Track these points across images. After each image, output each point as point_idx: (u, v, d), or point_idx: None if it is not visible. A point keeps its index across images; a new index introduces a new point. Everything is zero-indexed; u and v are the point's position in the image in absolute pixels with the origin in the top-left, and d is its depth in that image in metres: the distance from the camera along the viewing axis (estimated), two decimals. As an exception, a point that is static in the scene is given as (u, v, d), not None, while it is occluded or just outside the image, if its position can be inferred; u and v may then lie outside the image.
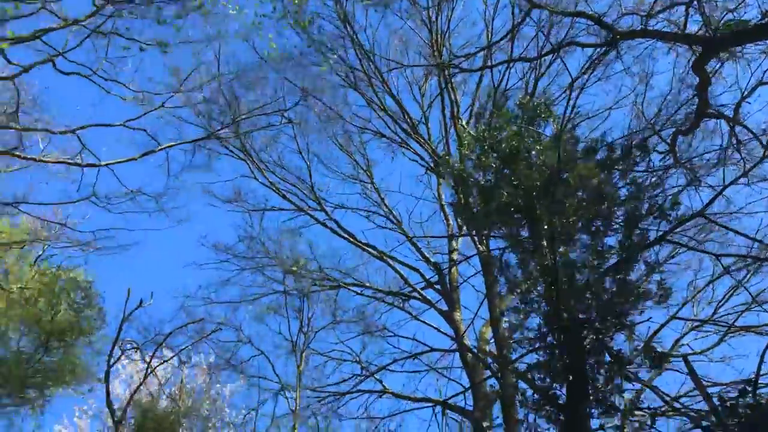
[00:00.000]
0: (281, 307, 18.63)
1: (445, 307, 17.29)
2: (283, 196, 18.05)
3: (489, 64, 16.12)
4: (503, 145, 13.10)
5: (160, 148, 13.79)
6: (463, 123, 17.64)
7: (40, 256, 16.89)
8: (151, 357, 14.63)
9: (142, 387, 15.20)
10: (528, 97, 13.88)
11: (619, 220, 11.95)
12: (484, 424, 15.05)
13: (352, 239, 18.09)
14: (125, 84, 12.37)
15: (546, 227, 11.83)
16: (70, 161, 12.73)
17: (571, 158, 12.33)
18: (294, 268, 16.89)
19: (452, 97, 18.32)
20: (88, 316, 19.35)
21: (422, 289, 17.92)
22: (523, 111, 13.33)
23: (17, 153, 11.54)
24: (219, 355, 18.46)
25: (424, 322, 17.44)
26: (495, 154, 13.33)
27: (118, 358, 14.90)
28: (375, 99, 18.36)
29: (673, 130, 13.05)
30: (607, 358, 10.85)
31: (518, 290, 13.06)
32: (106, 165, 13.04)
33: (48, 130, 13.21)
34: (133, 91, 12.90)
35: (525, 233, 12.79)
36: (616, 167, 12.04)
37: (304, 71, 17.33)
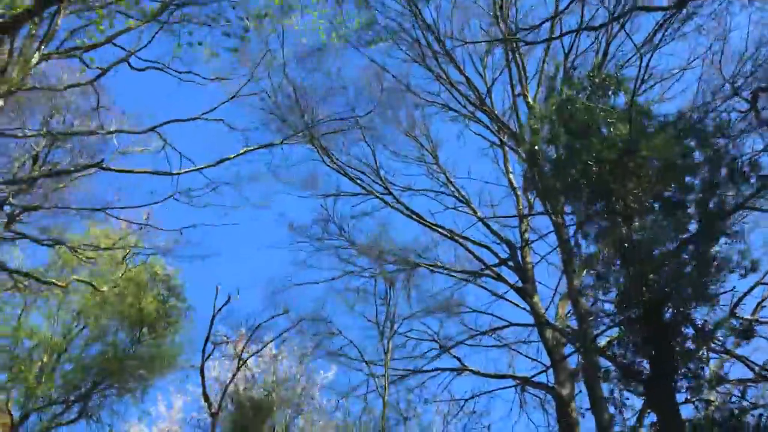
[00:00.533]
0: (365, 291, 18.94)
1: (519, 284, 17.24)
2: (351, 178, 18.31)
3: (555, 34, 15.82)
4: (574, 119, 12.92)
5: (236, 155, 14.19)
6: (531, 98, 17.42)
7: (126, 255, 17.84)
8: (242, 350, 15.33)
9: (236, 378, 15.92)
10: (596, 70, 13.55)
11: (696, 189, 11.61)
12: (568, 401, 15.02)
13: (421, 220, 18.22)
14: (199, 74, 12.73)
15: (620, 201, 11.65)
16: (153, 171, 13.29)
17: (644, 130, 12.04)
18: (377, 252, 17.20)
19: (519, 65, 17.99)
20: (174, 307, 20.28)
21: (495, 266, 17.90)
22: (592, 84, 13.09)
23: (104, 166, 12.15)
24: (309, 345, 18.93)
25: (503, 297, 17.42)
26: (566, 129, 13.17)
27: (211, 353, 15.68)
28: (441, 72, 18.21)
29: (753, 88, 12.53)
30: (690, 330, 10.66)
31: (595, 266, 12.96)
32: (186, 172, 13.52)
33: (132, 131, 13.84)
34: (205, 79, 13.24)
35: (599, 208, 12.62)
36: (690, 137, 11.66)
37: (368, 51, 17.41)
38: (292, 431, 18.70)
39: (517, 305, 17.10)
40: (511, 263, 17.79)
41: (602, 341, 13.75)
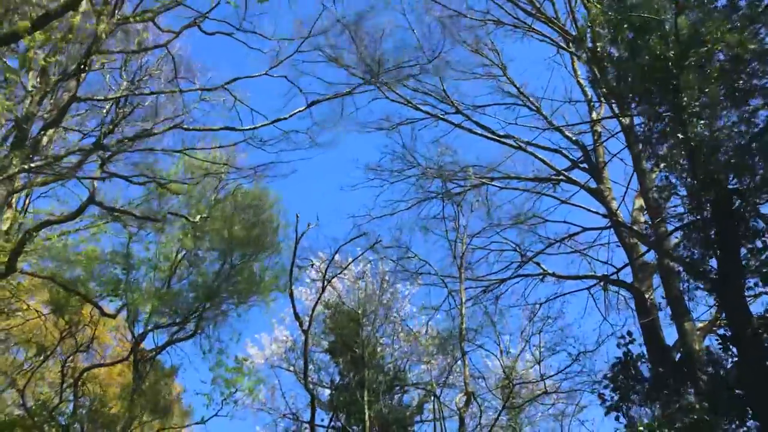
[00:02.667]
0: (438, 215, 19.27)
1: (593, 185, 17.13)
2: (417, 107, 18.23)
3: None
4: (633, 15, 12.46)
5: (305, 107, 14.38)
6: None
7: (217, 186, 18.97)
8: (326, 269, 16.38)
9: (323, 298, 17.03)
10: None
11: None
12: (647, 296, 15.20)
13: (491, 135, 18.12)
14: (264, 35, 13.00)
15: (686, 97, 11.32)
16: (228, 128, 13.83)
17: (709, 18, 11.46)
18: (442, 173, 17.43)
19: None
20: (264, 229, 21.46)
21: (567, 170, 17.79)
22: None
23: (183, 125, 12.87)
24: (389, 268, 19.63)
25: (575, 205, 17.39)
26: (626, 26, 12.73)
27: (297, 276, 16.82)
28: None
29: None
30: (761, 224, 10.52)
31: (663, 164, 12.80)
32: (258, 127, 13.85)
33: (204, 88, 14.43)
34: (269, 39, 13.49)
35: (666, 106, 12.32)
36: (760, 22, 11.03)
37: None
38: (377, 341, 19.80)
39: (591, 210, 17.07)
40: (584, 165, 17.62)
41: (675, 239, 13.78)
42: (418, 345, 20.07)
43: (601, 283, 17.26)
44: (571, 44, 17.07)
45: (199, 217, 19.02)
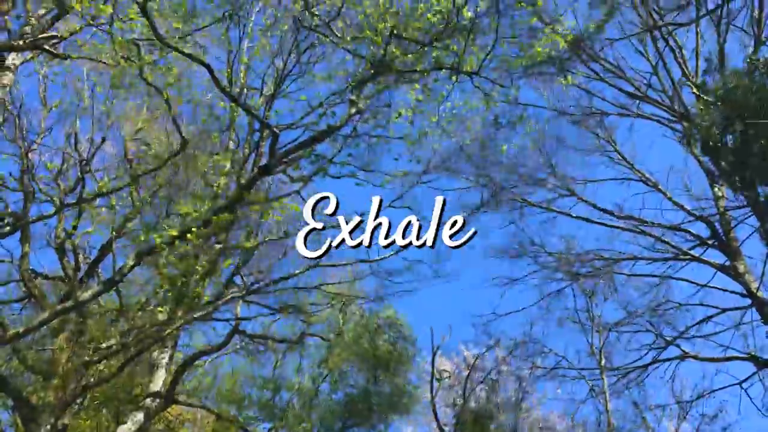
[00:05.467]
0: (564, 308, 19.16)
1: (727, 264, 16.59)
2: (531, 204, 18.70)
3: (702, 12, 15.19)
4: (745, 105, 12.57)
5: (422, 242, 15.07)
6: (692, 75, 16.82)
7: (343, 304, 20.00)
8: (466, 381, 16.64)
9: (464, 408, 17.30)
10: (756, 54, 13.00)
11: None
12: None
13: (607, 213, 18.05)
14: (385, 172, 13.77)
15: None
16: (359, 260, 14.73)
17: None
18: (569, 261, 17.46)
19: (673, 47, 17.42)
20: (403, 348, 22.28)
21: (694, 248, 17.40)
22: (756, 66, 12.58)
23: (320, 262, 13.84)
24: (525, 367, 19.55)
25: (713, 287, 16.85)
26: (738, 116, 12.83)
27: (438, 390, 17.15)
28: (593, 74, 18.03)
29: None
30: None
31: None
32: (379, 259, 14.64)
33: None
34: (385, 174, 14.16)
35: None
36: None
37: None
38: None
39: (725, 290, 16.53)
40: (713, 242, 17.11)
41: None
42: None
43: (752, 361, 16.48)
44: (679, 119, 17.11)
45: (332, 336, 20.04)
